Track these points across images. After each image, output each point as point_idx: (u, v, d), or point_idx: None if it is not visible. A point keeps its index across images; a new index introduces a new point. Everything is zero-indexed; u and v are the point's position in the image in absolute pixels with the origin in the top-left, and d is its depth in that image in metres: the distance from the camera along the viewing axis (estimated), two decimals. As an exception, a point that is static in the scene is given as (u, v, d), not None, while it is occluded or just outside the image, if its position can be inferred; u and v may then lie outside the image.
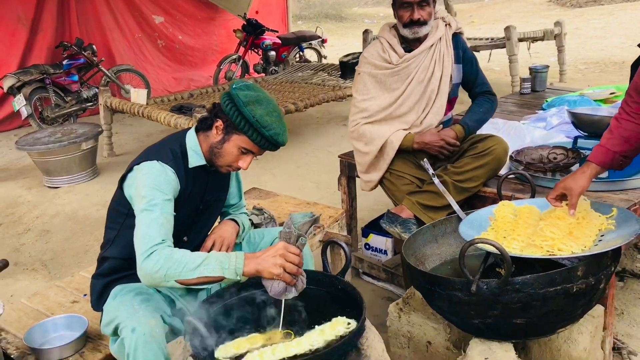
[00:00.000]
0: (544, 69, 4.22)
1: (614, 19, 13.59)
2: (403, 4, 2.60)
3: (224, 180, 2.07)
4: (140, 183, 1.75)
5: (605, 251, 1.73)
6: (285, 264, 1.64)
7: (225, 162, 1.89)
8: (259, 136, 1.81)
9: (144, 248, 1.63)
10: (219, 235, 2.04)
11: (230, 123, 1.82)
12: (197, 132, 1.93)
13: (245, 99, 1.79)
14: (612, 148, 1.92)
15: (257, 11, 9.20)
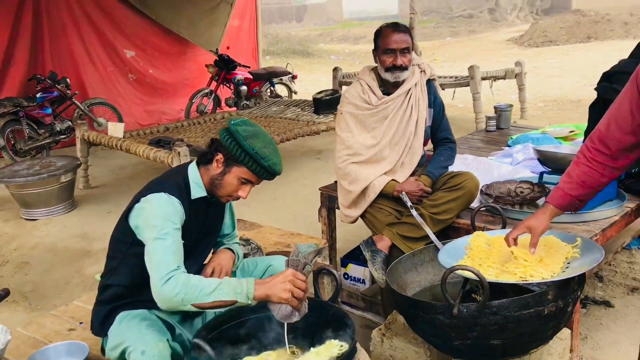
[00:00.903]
0: (508, 108, 4.50)
1: (570, 59, 14.28)
2: (387, 50, 2.81)
3: (220, 211, 2.20)
4: (150, 213, 1.87)
5: (572, 277, 1.91)
6: (293, 290, 1.80)
7: (226, 193, 2.03)
8: (258, 167, 1.96)
9: (161, 274, 1.75)
10: (218, 263, 2.17)
11: (231, 156, 1.97)
12: (198, 165, 2.07)
13: (245, 134, 1.94)
14: (570, 192, 2.03)
15: (228, 47, 9.40)
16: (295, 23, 35.60)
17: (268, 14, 31.32)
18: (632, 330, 2.97)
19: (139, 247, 1.88)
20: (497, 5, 29.66)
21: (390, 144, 2.90)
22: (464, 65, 11.20)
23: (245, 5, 9.81)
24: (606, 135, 1.93)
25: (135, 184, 5.94)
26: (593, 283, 3.45)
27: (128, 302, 1.98)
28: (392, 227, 2.76)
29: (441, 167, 2.96)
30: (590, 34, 18.10)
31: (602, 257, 1.95)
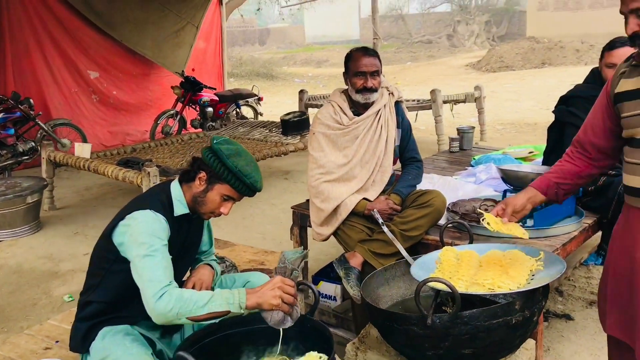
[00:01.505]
0: (470, 130, 4.68)
1: (525, 84, 14.80)
2: (357, 73, 2.93)
3: (199, 229, 2.25)
4: (137, 230, 1.90)
5: (537, 287, 2.02)
6: (283, 295, 1.87)
7: (208, 209, 2.08)
8: (241, 184, 2.03)
9: (154, 290, 1.80)
10: (198, 279, 2.21)
11: (214, 174, 2.03)
12: (180, 183, 2.12)
13: (228, 152, 2.01)
14: (551, 178, 2.15)
15: (194, 69, 9.45)
16: (259, 46, 35.86)
17: (231, 37, 31.47)
18: (591, 342, 3.11)
19: (122, 264, 1.91)
20: (455, 31, 30.56)
21: (361, 163, 3.00)
22: (424, 89, 11.52)
23: (210, 27, 9.89)
24: (584, 140, 2.08)
25: (101, 204, 5.90)
26: (554, 297, 3.60)
27: (110, 318, 2.00)
28: (364, 244, 2.84)
29: (410, 186, 3.07)
30: (545, 60, 18.83)
31: (564, 268, 2.06)
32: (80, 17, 8.07)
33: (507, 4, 32.91)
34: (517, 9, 32.16)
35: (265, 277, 2.38)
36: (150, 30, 8.78)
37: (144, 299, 1.81)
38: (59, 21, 7.90)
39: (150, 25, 8.76)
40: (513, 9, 32.17)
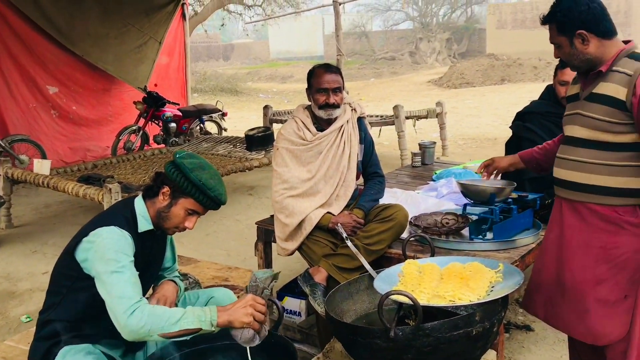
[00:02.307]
0: (432, 145, 4.76)
1: (485, 100, 15.14)
2: (320, 89, 2.98)
3: (162, 245, 2.23)
4: (103, 247, 1.88)
5: (497, 298, 2.06)
6: (254, 314, 1.88)
7: (172, 224, 2.07)
8: (205, 198, 2.03)
9: (125, 307, 1.79)
10: (162, 295, 2.19)
11: (178, 188, 2.02)
12: (143, 199, 2.10)
13: (191, 166, 2.01)
14: (535, 155, 2.61)
15: (156, 84, 9.36)
16: (223, 61, 35.82)
17: (195, 52, 31.37)
18: (551, 352, 3.18)
19: (85, 281, 1.89)
20: (417, 48, 31.11)
21: (325, 178, 3.02)
22: (388, 104, 11.68)
23: (174, 42, 9.84)
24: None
25: (61, 222, 5.77)
26: (514, 309, 3.67)
27: (71, 337, 1.96)
28: (328, 259, 2.86)
29: (372, 200, 3.10)
30: (504, 76, 19.31)
31: (522, 280, 2.12)
32: (39, 31, 7.92)
33: (468, 22, 33.74)
34: (477, 26, 33.00)
35: (229, 293, 2.38)
36: (111, 45, 8.68)
37: (113, 316, 1.80)
38: (16, 35, 7.74)
39: (112, 40, 8.67)
40: (473, 27, 32.98)
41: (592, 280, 2.19)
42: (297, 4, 18.47)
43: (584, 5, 2.08)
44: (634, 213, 2.11)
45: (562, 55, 2.19)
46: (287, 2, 17.84)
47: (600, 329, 2.18)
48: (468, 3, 34.21)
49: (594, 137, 2.12)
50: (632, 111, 2.01)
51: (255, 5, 17.55)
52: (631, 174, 2.08)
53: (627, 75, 2.04)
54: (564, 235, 2.27)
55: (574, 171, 2.20)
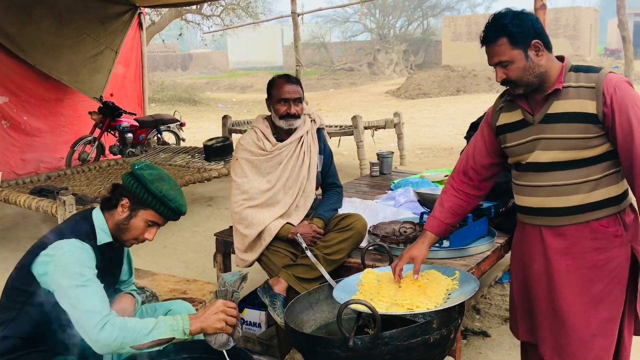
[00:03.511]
0: (390, 155, 4.82)
1: (441, 110, 15.42)
2: (280, 100, 2.99)
3: (119, 258, 2.20)
4: (65, 261, 1.85)
5: (453, 306, 2.11)
6: (226, 318, 1.89)
7: (132, 236, 2.05)
8: (165, 209, 2.01)
9: (95, 321, 1.77)
10: (120, 308, 2.15)
11: (137, 200, 2.00)
12: (101, 211, 2.06)
13: (151, 177, 1.99)
14: (444, 220, 2.37)
15: (112, 94, 9.20)
16: (181, 71, 35.49)
17: (153, 62, 31.02)
18: (507, 357, 3.25)
19: (42, 297, 1.85)
20: (375, 60, 31.50)
21: (285, 188, 3.03)
22: (347, 115, 11.78)
23: (130, 52, 9.70)
24: (466, 167, 2.35)
25: (12, 236, 5.58)
26: (471, 315, 3.73)
27: (26, 353, 1.91)
28: (287, 269, 2.86)
29: (331, 210, 3.12)
30: (459, 87, 19.72)
31: (477, 286, 2.17)
32: (-11, 39, 7.71)
33: (424, 34, 34.39)
34: (433, 38, 33.67)
35: (187, 306, 2.35)
36: (66, 54, 8.48)
37: (83, 331, 1.78)
38: (-36, 44, 7.52)
39: (66, 49, 8.47)
40: (429, 39, 33.64)
41: (591, 302, 2.11)
42: (255, 14, 18.48)
43: (530, 15, 2.07)
44: (616, 222, 2.09)
45: (513, 73, 2.04)
46: (246, 12, 17.83)
47: (609, 350, 2.12)
48: (424, 15, 34.89)
49: (571, 157, 2.05)
50: (605, 122, 1.98)
51: (213, 15, 17.48)
52: (610, 182, 2.07)
53: (588, 88, 2.00)
54: (551, 264, 2.17)
55: (552, 197, 2.11)
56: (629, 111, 1.94)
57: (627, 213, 2.11)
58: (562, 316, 2.15)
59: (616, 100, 1.95)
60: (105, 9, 8.59)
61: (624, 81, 2.01)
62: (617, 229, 2.09)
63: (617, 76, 2.01)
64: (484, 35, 2.09)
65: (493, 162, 2.32)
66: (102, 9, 8.56)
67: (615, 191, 2.07)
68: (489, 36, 2.06)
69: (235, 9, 17.52)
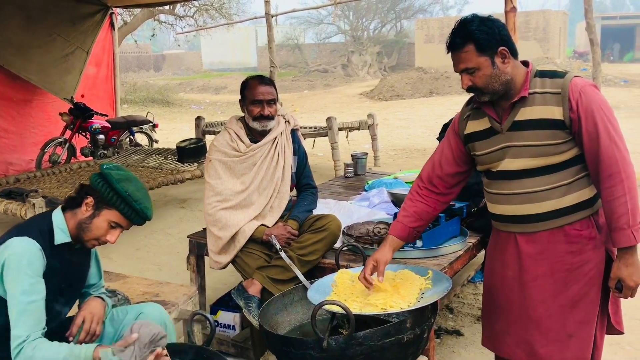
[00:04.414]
0: (364, 156, 4.84)
1: (415, 112, 15.55)
2: (254, 101, 2.98)
3: (85, 260, 2.16)
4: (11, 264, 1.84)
5: (426, 305, 2.12)
6: None
7: (93, 236, 2.02)
8: (130, 210, 1.99)
9: (15, 343, 1.80)
10: (89, 312, 2.11)
11: (102, 199, 1.98)
12: (63, 210, 2.03)
13: (118, 177, 1.97)
14: (408, 224, 2.34)
15: (83, 94, 9.06)
16: (154, 72, 35.14)
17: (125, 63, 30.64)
18: (480, 356, 3.28)
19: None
20: (349, 61, 31.61)
21: (259, 190, 3.02)
22: (321, 116, 11.80)
23: (102, 52, 9.57)
24: (432, 175, 2.32)
25: (-21, 239, 5.46)
26: (445, 314, 3.77)
27: None
28: (262, 271, 2.85)
29: (306, 211, 3.13)
30: (432, 89, 19.91)
31: (450, 285, 2.19)
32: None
33: (397, 36, 34.63)
34: (406, 41, 33.93)
35: (159, 308, 2.32)
36: (36, 54, 8.32)
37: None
38: None
39: (36, 49, 8.31)
40: (402, 41, 33.88)
41: (567, 304, 2.12)
42: (229, 15, 18.40)
43: (497, 22, 2.03)
44: (588, 225, 2.10)
45: (479, 80, 2.03)
46: (219, 13, 17.75)
47: (586, 351, 2.14)
48: (397, 18, 35.13)
49: (541, 164, 2.05)
50: (572, 127, 1.98)
51: (186, 16, 17.36)
52: (581, 186, 2.07)
53: (553, 94, 2.00)
54: (526, 269, 2.16)
55: (525, 204, 2.11)
56: (595, 116, 1.95)
57: (600, 215, 2.11)
58: (538, 320, 2.15)
59: (582, 105, 1.96)
60: (76, 8, 8.46)
61: (590, 85, 2.01)
62: (591, 232, 2.09)
63: (582, 80, 2.02)
64: (450, 42, 2.06)
65: (460, 171, 2.30)
66: (73, 8, 8.42)
67: (587, 194, 2.08)
68: (455, 42, 2.04)
69: (209, 10, 17.43)
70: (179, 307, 2.75)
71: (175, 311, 2.75)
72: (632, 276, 1.98)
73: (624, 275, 1.99)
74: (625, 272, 1.98)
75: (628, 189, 1.93)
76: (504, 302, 2.26)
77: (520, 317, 2.19)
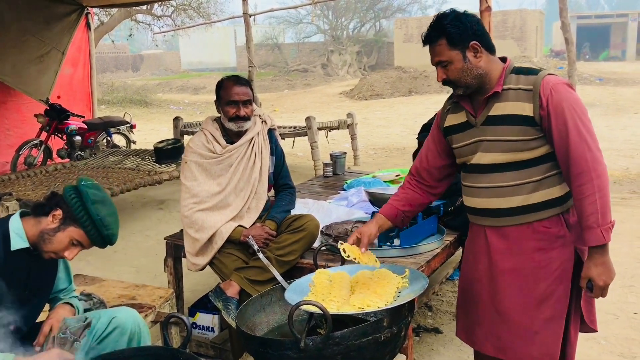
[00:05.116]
0: (342, 155, 4.85)
1: (394, 111, 15.61)
2: (229, 102, 2.96)
3: (51, 266, 2.12)
4: None
5: (403, 304, 2.13)
6: None
7: (52, 249, 1.97)
8: (96, 233, 1.96)
9: None
10: (56, 320, 2.07)
11: (72, 215, 1.93)
12: (25, 215, 1.99)
13: (94, 198, 1.93)
14: (397, 206, 2.40)
15: (59, 96, 8.95)
16: (132, 72, 34.82)
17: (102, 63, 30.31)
18: (459, 353, 3.31)
19: None
20: (329, 61, 31.63)
21: (236, 191, 3.00)
22: (301, 116, 11.79)
23: (78, 53, 9.45)
24: (420, 168, 2.39)
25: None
26: (424, 312, 3.79)
27: None
28: (240, 272, 2.83)
29: (284, 211, 3.12)
30: (411, 88, 20.00)
31: (426, 284, 2.19)
32: None
33: (376, 35, 34.73)
34: (386, 40, 34.06)
35: (133, 312, 2.29)
36: (9, 55, 8.19)
37: None
38: None
39: (10, 50, 8.18)
40: (382, 40, 34.00)
41: (534, 301, 2.13)
42: (207, 15, 18.29)
43: (473, 17, 2.08)
44: (558, 223, 2.11)
45: (452, 74, 2.08)
46: (197, 13, 17.64)
47: (553, 345, 2.15)
48: (376, 17, 35.23)
49: (511, 159, 2.07)
50: (542, 124, 2.00)
51: (164, 15, 17.23)
52: (551, 184, 2.08)
53: (526, 90, 2.02)
54: (495, 263, 2.19)
55: (493, 198, 2.14)
56: (565, 114, 1.97)
57: (571, 214, 2.13)
58: (505, 314, 2.17)
59: (552, 102, 1.97)
60: (50, 8, 8.35)
61: (562, 84, 2.03)
62: (560, 230, 2.11)
63: (555, 78, 2.04)
64: (425, 35, 2.12)
65: (445, 164, 2.34)
66: (48, 8, 8.31)
67: (557, 192, 2.10)
68: (430, 36, 2.10)
69: (187, 10, 17.31)
70: (156, 309, 2.73)
71: (152, 314, 2.72)
72: (601, 276, 1.99)
73: (593, 274, 2.00)
74: (595, 271, 2.00)
75: (598, 188, 1.94)
76: (475, 294, 2.29)
77: (489, 311, 2.22)
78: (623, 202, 6.28)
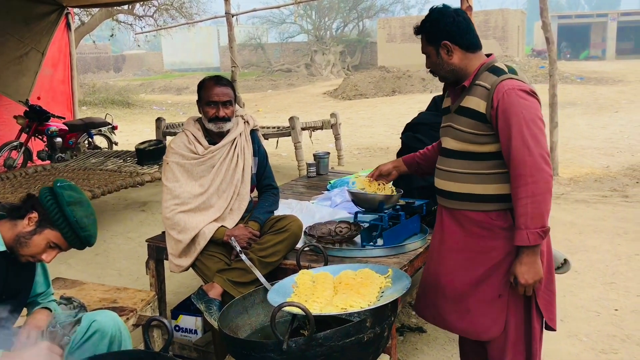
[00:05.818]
0: (326, 155, 4.84)
1: (378, 111, 15.64)
2: (209, 102, 2.93)
3: (28, 270, 2.08)
4: None
5: (386, 304, 2.12)
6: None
7: (29, 253, 1.94)
8: (74, 235, 1.92)
9: None
10: (34, 326, 2.02)
11: (47, 218, 1.90)
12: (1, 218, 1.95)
13: (69, 199, 1.89)
14: (416, 157, 2.75)
15: (39, 97, 8.83)
16: (114, 73, 34.53)
17: (83, 64, 30.04)
18: (442, 352, 3.32)
19: None
20: (312, 61, 31.64)
21: (218, 192, 2.98)
22: (285, 116, 11.77)
23: (58, 53, 9.34)
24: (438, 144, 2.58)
25: None
26: (408, 312, 3.79)
27: None
28: (222, 274, 2.81)
29: (267, 212, 3.10)
30: (395, 88, 20.08)
31: (409, 283, 2.19)
32: None
33: (360, 35, 34.81)
34: (369, 40, 34.16)
35: (113, 316, 2.27)
36: (-13, 56, 8.10)
37: None
38: None
39: (-11, 50, 8.09)
40: (365, 40, 34.10)
41: (471, 282, 2.30)
42: (189, 15, 18.19)
43: (450, 18, 2.22)
44: (504, 217, 2.22)
45: (429, 65, 2.31)
46: (180, 13, 17.53)
47: (481, 326, 2.31)
48: (359, 17, 35.31)
49: (463, 149, 2.25)
50: (492, 123, 2.14)
51: (146, 15, 17.10)
52: (500, 180, 2.21)
53: (486, 89, 2.16)
54: (445, 240, 2.39)
55: (448, 181, 2.32)
56: (511, 119, 2.08)
57: None
58: (444, 289, 2.38)
59: (502, 105, 2.10)
60: (29, 8, 8.24)
61: (517, 90, 2.12)
62: (504, 224, 2.22)
63: (511, 83, 2.14)
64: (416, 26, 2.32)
65: None
66: (26, 8, 8.20)
67: (506, 189, 2.19)
68: (416, 29, 2.32)
69: (169, 10, 17.20)
70: (137, 313, 2.70)
71: (134, 317, 2.69)
72: (524, 274, 2.13)
73: (517, 272, 2.15)
74: (519, 269, 2.14)
75: (531, 193, 2.07)
76: (426, 267, 2.55)
77: (433, 283, 2.44)
78: (604, 200, 6.35)
